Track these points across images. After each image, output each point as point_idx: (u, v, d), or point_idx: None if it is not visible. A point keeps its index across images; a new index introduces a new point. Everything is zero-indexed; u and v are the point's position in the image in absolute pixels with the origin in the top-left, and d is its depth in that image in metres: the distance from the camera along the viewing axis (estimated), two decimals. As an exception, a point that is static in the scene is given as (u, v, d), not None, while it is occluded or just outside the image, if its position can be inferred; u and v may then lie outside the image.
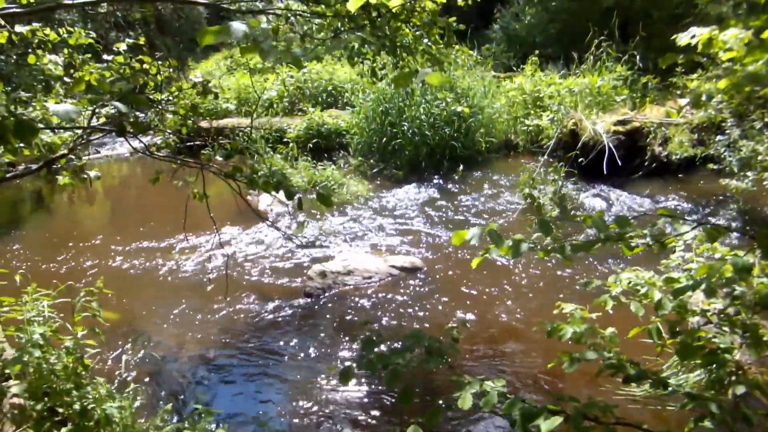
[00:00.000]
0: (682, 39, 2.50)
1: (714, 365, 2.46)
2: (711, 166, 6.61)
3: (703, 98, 2.90)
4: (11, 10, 2.93)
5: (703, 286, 2.10)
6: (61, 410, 2.83)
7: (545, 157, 7.72)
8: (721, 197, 6.56)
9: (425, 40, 4.00)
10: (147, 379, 4.05)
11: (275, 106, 10.89)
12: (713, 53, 2.55)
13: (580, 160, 7.29)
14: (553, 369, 3.53)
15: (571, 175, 7.11)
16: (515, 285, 5.12)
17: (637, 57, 8.89)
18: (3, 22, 2.87)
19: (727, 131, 6.46)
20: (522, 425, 1.93)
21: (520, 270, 5.36)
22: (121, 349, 4.33)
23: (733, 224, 5.99)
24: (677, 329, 2.40)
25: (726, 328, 2.40)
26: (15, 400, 2.96)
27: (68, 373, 2.94)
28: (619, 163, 7.07)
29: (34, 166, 3.31)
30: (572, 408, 1.98)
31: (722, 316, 2.48)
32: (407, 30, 3.96)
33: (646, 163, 7.51)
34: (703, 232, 2.01)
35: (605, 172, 7.06)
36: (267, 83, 11.44)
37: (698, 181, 7.13)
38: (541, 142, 8.49)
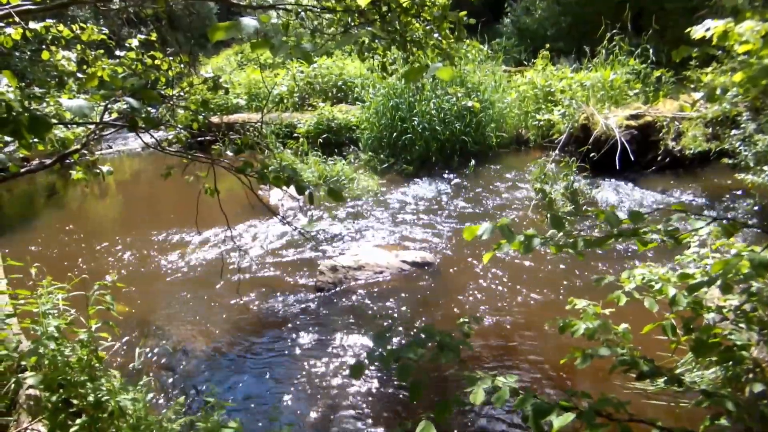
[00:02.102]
0: (697, 32, 2.47)
1: (730, 362, 2.43)
2: (726, 160, 6.53)
3: (718, 92, 2.85)
4: (25, 7, 2.95)
5: (718, 282, 2.07)
6: (75, 402, 2.86)
7: (557, 151, 7.66)
8: (736, 192, 6.48)
9: (435, 35, 3.98)
10: (160, 372, 4.09)
11: (285, 101, 10.92)
12: (728, 46, 2.51)
13: (592, 154, 7.23)
14: (565, 365, 3.51)
15: (583, 170, 7.05)
16: (527, 280, 5.09)
17: (650, 50, 8.79)
18: (18, 19, 2.89)
19: (743, 125, 6.37)
20: (534, 421, 1.92)
21: (531, 265, 5.33)
22: (134, 342, 4.37)
23: (750, 219, 5.91)
24: (692, 326, 2.38)
25: (743, 325, 2.38)
26: (31, 391, 3.00)
27: (82, 365, 2.97)
28: (632, 158, 7.01)
29: (47, 161, 3.34)
30: (585, 404, 1.97)
31: (739, 312, 2.45)
32: (417, 25, 3.94)
33: (659, 158, 7.43)
34: (718, 228, 1.98)
35: (617, 167, 7.00)
36: (277, 78, 11.47)
37: (713, 176, 7.04)
38: (553, 136, 8.44)
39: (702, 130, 7.30)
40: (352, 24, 3.86)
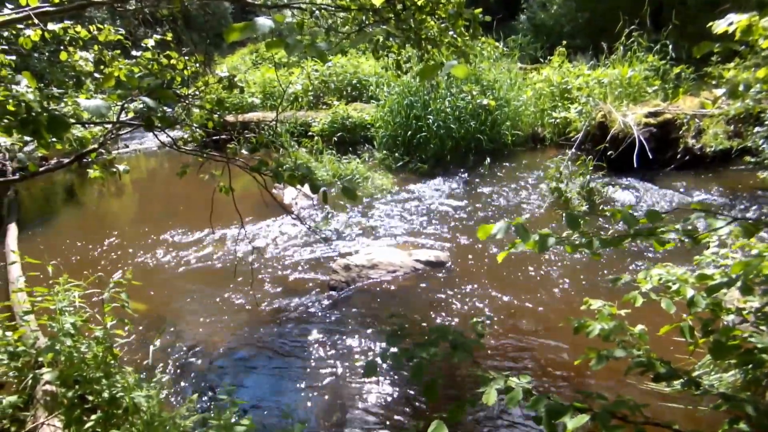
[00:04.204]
0: (719, 26, 2.41)
1: (750, 365, 2.38)
2: (748, 158, 6.40)
3: (741, 88, 2.78)
4: (44, 9, 2.99)
5: (738, 284, 2.03)
6: (91, 398, 2.91)
7: (573, 150, 7.58)
8: (758, 191, 6.34)
9: (450, 33, 3.96)
10: (173, 369, 4.12)
11: (300, 99, 10.95)
12: (752, 41, 2.45)
13: (609, 153, 7.13)
14: (580, 366, 3.47)
15: (600, 169, 6.96)
16: (541, 280, 5.04)
17: (670, 46, 8.64)
18: (36, 21, 2.94)
19: (766, 122, 6.23)
20: (547, 423, 1.90)
21: (546, 265, 5.28)
22: (148, 339, 4.41)
23: (771, 219, 5.78)
24: (711, 328, 2.33)
25: (763, 327, 2.32)
26: (47, 387, 3.05)
27: (98, 361, 3.02)
28: (650, 156, 6.89)
29: (65, 160, 3.39)
30: (600, 406, 1.94)
31: (760, 314, 2.39)
32: (432, 22, 3.92)
33: (678, 156, 7.30)
34: (739, 228, 1.93)
35: (635, 166, 6.89)
36: (292, 77, 11.50)
37: (734, 175, 6.90)
38: (569, 134, 8.35)
39: (723, 127, 7.16)
40: (367, 22, 3.85)
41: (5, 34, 3.66)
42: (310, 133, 9.65)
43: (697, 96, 7.79)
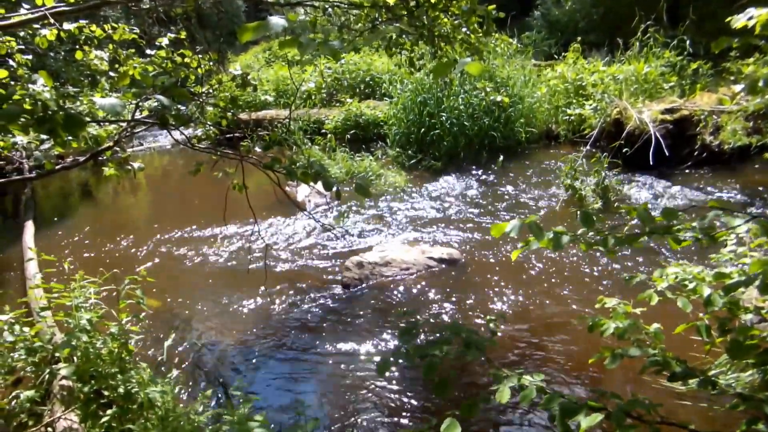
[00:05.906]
0: (738, 21, 2.36)
1: (768, 365, 2.34)
2: (768, 155, 6.29)
3: (760, 84, 2.73)
4: (60, 8, 3.03)
5: (757, 282, 1.99)
6: (106, 393, 2.95)
7: (588, 147, 7.50)
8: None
9: (464, 29, 3.93)
10: (187, 366, 4.16)
11: (313, 97, 10.98)
12: (773, 36, 2.40)
13: (625, 150, 7.05)
14: (594, 364, 3.44)
15: (615, 166, 6.88)
16: (555, 278, 5.01)
17: (687, 42, 8.51)
18: (52, 20, 2.97)
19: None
20: (561, 421, 1.88)
21: (560, 263, 5.24)
22: (162, 336, 4.45)
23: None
24: (728, 327, 2.29)
25: (782, 327, 2.28)
26: (64, 381, 3.10)
27: (113, 357, 3.06)
28: (667, 154, 6.80)
29: (81, 158, 3.43)
30: (614, 405, 1.92)
31: (778, 313, 2.35)
32: (445, 19, 3.91)
33: (695, 153, 7.19)
34: (757, 226, 1.90)
35: (651, 163, 6.80)
36: (305, 75, 11.53)
37: (753, 172, 6.79)
38: (584, 132, 8.27)
39: (742, 123, 7.03)
40: (380, 20, 3.84)
41: (22, 33, 3.72)
42: (323, 131, 9.67)
43: (715, 92, 7.66)
